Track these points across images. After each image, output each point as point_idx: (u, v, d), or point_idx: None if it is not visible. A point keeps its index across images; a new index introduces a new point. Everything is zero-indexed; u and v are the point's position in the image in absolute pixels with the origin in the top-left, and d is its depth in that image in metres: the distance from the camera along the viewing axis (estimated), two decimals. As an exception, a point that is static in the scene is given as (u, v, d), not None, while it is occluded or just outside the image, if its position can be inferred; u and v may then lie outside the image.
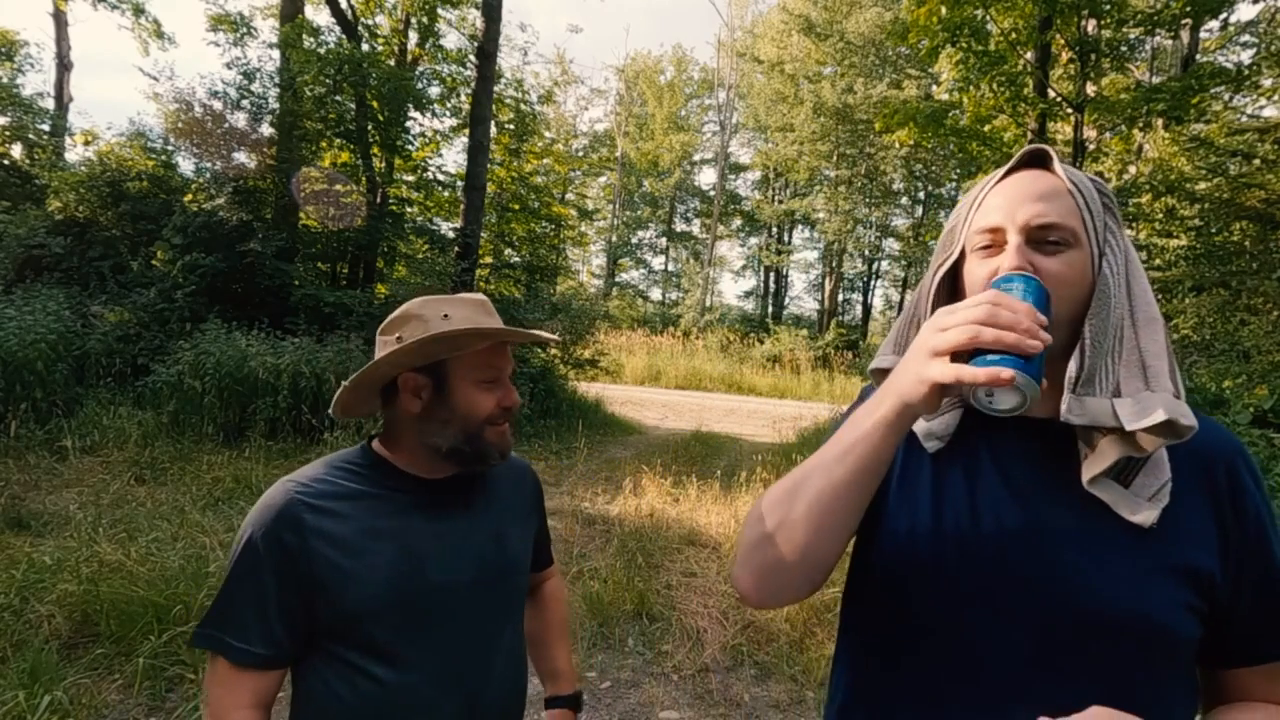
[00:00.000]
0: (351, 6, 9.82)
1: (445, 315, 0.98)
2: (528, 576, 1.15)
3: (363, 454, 1.04)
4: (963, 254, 0.74)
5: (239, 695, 0.91)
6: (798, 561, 0.71)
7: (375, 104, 9.20)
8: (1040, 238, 0.68)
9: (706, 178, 31.93)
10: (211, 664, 0.92)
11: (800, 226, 28.41)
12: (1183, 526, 0.67)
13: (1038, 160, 0.72)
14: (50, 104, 15.19)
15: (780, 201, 27.55)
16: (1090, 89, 8.60)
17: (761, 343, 19.83)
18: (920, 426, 0.78)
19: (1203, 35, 10.35)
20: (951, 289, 0.77)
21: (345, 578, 0.92)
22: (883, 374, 0.81)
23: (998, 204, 0.71)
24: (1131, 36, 8.65)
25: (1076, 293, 0.68)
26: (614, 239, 29.96)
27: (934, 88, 14.66)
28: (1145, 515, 0.66)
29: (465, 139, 10.10)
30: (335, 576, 0.91)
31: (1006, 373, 0.56)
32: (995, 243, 0.70)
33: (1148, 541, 0.66)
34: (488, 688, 1.00)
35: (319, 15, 10.24)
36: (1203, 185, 7.55)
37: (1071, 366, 0.67)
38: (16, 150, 12.85)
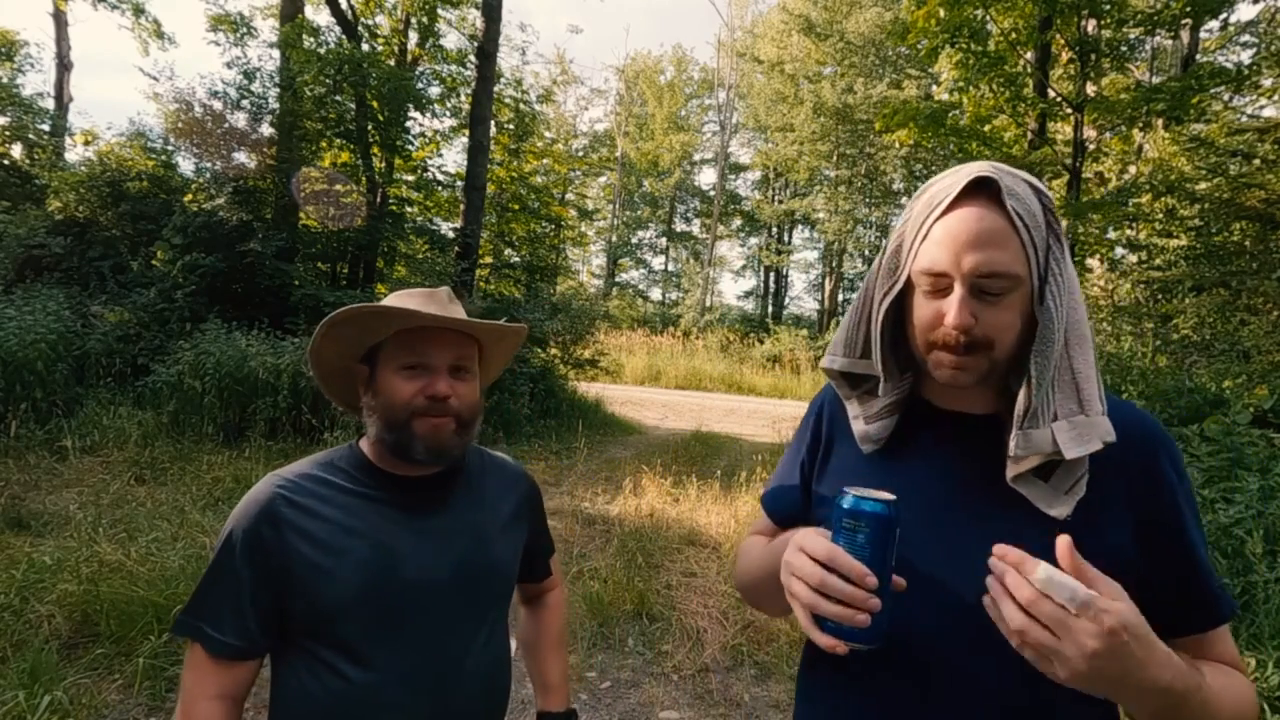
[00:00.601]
0: (351, 6, 9.82)
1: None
2: (512, 582, 1.12)
3: (350, 452, 1.04)
4: (909, 281, 0.76)
5: (209, 685, 0.92)
6: (774, 612, 0.97)
7: (375, 104, 9.20)
8: (984, 286, 0.70)
9: (706, 178, 31.99)
10: (189, 651, 0.94)
11: (800, 226, 28.40)
12: (1100, 513, 0.72)
13: (984, 186, 0.72)
14: (50, 104, 15.19)
15: (780, 201, 27.56)
16: (1090, 89, 8.60)
17: (761, 343, 19.82)
18: (858, 429, 0.85)
19: (1203, 35, 10.35)
20: (900, 307, 0.79)
21: (320, 575, 0.92)
22: (832, 374, 0.87)
23: (943, 241, 0.71)
24: (1131, 36, 8.64)
25: (1018, 332, 0.72)
26: (614, 239, 29.96)
27: (934, 88, 14.66)
28: (1060, 509, 0.72)
29: (465, 139, 10.11)
30: (310, 573, 0.92)
31: (842, 648, 0.65)
32: (940, 287, 0.72)
33: (1066, 529, 0.69)
34: (460, 691, 0.98)
35: (319, 15, 10.26)
36: (1203, 185, 7.56)
37: (1020, 403, 0.71)
38: (16, 150, 12.85)
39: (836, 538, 0.67)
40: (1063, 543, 0.60)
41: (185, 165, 9.76)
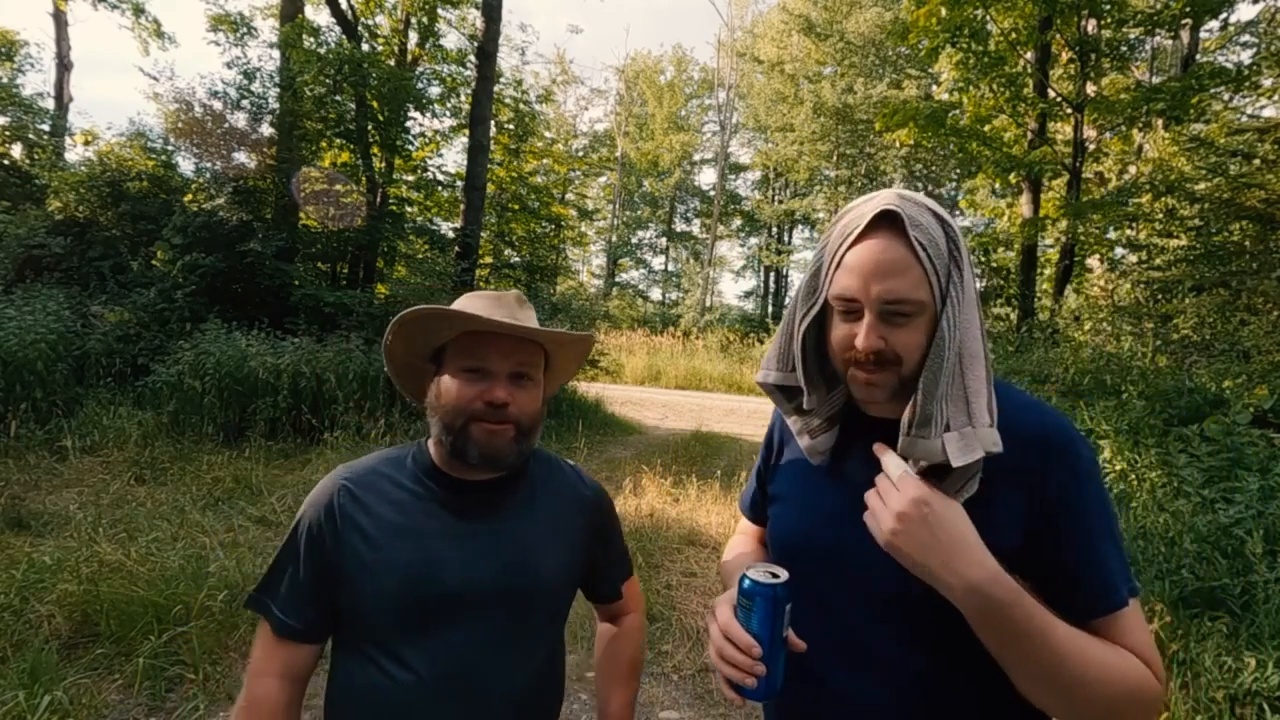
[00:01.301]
0: (351, 6, 9.82)
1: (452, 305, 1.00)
2: (561, 600, 1.08)
3: (417, 450, 1.05)
4: (828, 303, 0.83)
5: (272, 662, 0.98)
6: None
7: (375, 104, 9.21)
8: (891, 310, 0.77)
9: (706, 178, 31.99)
10: (259, 626, 1.01)
11: (800, 226, 28.39)
12: (989, 509, 0.76)
13: (889, 219, 0.78)
14: (50, 104, 15.20)
15: (780, 201, 27.55)
16: (1090, 89, 8.60)
17: (761, 343, 19.81)
18: (804, 444, 0.92)
19: (1203, 35, 10.35)
20: (823, 324, 0.86)
21: (364, 570, 0.95)
22: (768, 389, 0.94)
23: (853, 269, 0.79)
24: (1131, 36, 8.65)
25: (923, 350, 0.79)
26: (614, 239, 29.95)
27: (934, 88, 14.66)
28: None
29: (465, 139, 10.11)
30: (356, 567, 0.95)
31: (737, 700, 0.79)
32: (852, 310, 0.80)
33: None
34: (491, 704, 0.96)
35: (319, 15, 10.26)
36: (1203, 185, 7.56)
37: (907, 413, 0.78)
38: (16, 150, 12.86)
39: (737, 610, 0.79)
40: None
41: (185, 165, 9.78)
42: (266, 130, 8.84)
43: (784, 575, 0.78)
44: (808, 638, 0.81)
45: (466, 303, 1.02)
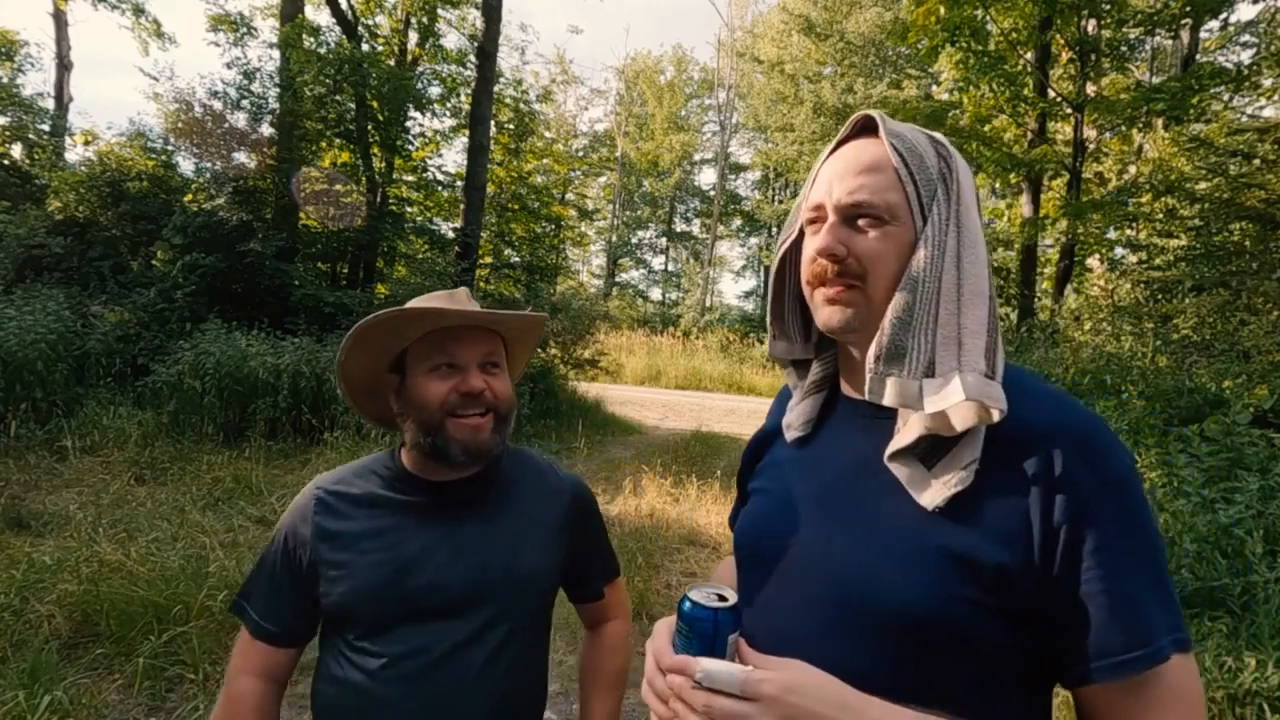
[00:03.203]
0: (351, 6, 9.82)
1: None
2: (541, 599, 1.07)
3: (389, 458, 1.06)
4: (802, 231, 0.76)
5: (249, 661, 1.01)
6: None
7: (375, 104, 9.20)
8: (855, 214, 0.68)
9: (706, 178, 31.98)
10: (241, 630, 1.04)
11: (800, 226, 28.39)
12: (980, 512, 0.61)
13: (869, 128, 0.71)
14: (50, 104, 15.17)
15: (780, 201, 27.56)
16: (1090, 89, 8.60)
17: (761, 343, 19.81)
18: (785, 418, 0.83)
19: (1203, 35, 10.35)
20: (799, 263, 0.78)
21: (336, 573, 0.97)
22: (778, 358, 0.85)
23: (825, 177, 0.71)
24: (1131, 36, 8.65)
25: (895, 269, 0.67)
26: (614, 239, 29.96)
27: (934, 88, 14.68)
28: (931, 496, 0.63)
29: (465, 139, 10.11)
30: (328, 571, 0.97)
31: None
32: (819, 218, 0.71)
33: (932, 525, 0.63)
34: (467, 703, 0.95)
35: (319, 15, 10.26)
36: (1203, 185, 7.56)
37: (872, 347, 0.67)
38: (16, 150, 12.83)
39: (676, 636, 0.66)
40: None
41: (185, 165, 9.75)
42: (266, 130, 8.83)
43: (732, 599, 0.64)
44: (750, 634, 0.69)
45: (421, 303, 1.01)
